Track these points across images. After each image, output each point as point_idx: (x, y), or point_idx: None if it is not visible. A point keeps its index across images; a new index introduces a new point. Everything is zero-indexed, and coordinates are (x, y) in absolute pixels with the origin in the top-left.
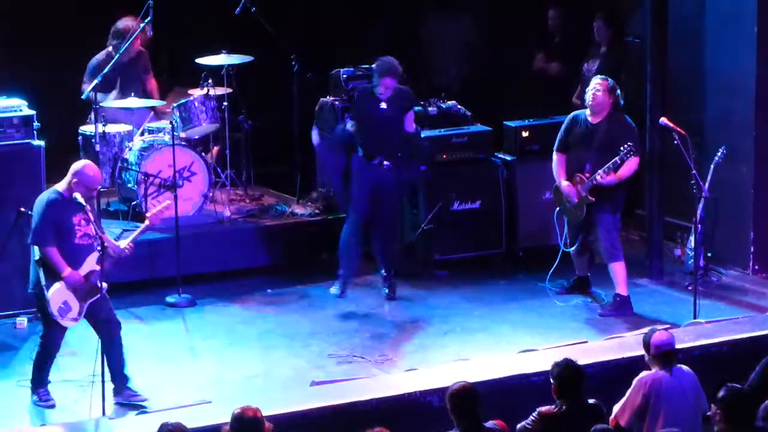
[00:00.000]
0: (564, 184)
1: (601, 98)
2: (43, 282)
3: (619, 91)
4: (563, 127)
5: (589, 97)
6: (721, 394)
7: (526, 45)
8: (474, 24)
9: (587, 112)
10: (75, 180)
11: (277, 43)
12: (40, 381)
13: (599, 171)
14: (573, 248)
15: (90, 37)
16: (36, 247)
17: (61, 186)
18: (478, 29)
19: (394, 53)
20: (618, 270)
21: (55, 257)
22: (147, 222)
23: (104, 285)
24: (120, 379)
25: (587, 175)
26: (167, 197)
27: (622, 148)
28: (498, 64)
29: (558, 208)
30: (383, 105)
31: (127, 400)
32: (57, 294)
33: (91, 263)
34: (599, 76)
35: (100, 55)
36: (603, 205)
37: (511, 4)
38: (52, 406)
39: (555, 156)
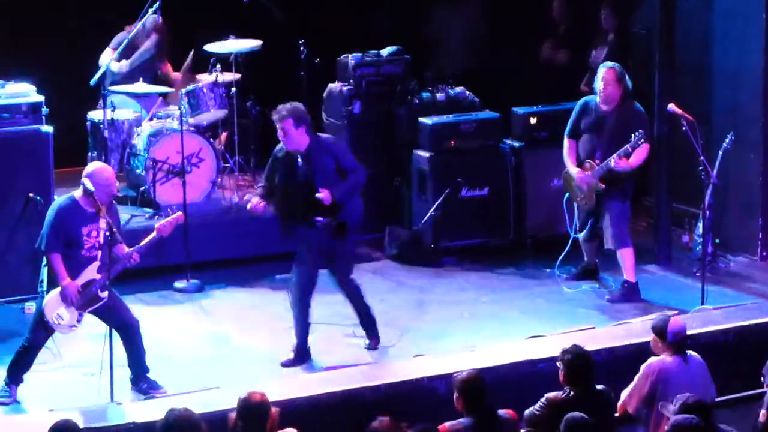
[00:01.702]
0: (574, 170)
1: (612, 88)
2: (44, 287)
3: (628, 78)
4: (574, 112)
5: (599, 86)
6: None
7: (533, 33)
8: (481, 11)
9: (598, 99)
10: (91, 184)
11: (286, 29)
12: (13, 377)
13: (612, 156)
14: (582, 234)
15: (99, 22)
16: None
17: (77, 193)
18: (485, 17)
19: (402, 40)
20: (626, 257)
21: (56, 265)
22: (155, 233)
23: (106, 295)
24: (139, 375)
25: (597, 161)
26: (176, 182)
27: (633, 135)
28: (506, 51)
29: (567, 194)
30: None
31: (146, 393)
32: (52, 302)
33: (90, 273)
34: (608, 63)
35: (121, 35)
36: (613, 192)
37: None
38: (5, 404)
39: (566, 141)
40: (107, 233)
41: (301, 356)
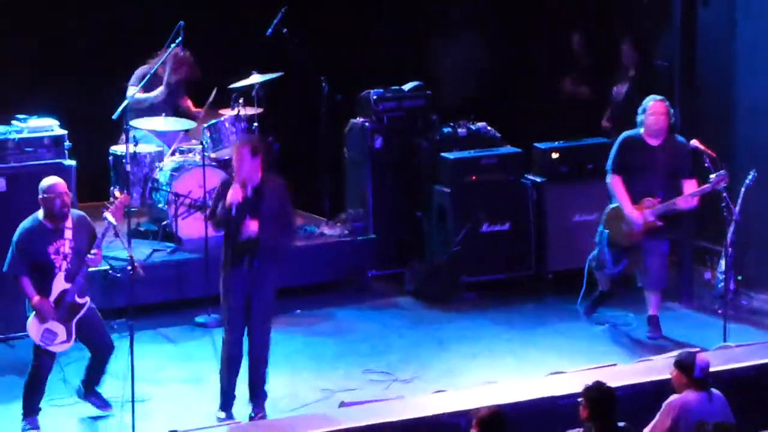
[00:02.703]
0: (631, 208)
1: (663, 121)
2: (28, 311)
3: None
4: (617, 149)
5: (649, 120)
6: None
7: (553, 68)
8: (501, 47)
9: (641, 132)
10: (43, 199)
11: (307, 65)
12: (29, 408)
13: (684, 195)
14: (615, 270)
15: (122, 57)
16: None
17: (40, 213)
18: (504, 52)
19: (423, 75)
20: (660, 296)
21: (24, 286)
22: (107, 222)
23: (86, 300)
24: (91, 389)
25: (658, 200)
26: (198, 216)
27: (711, 177)
28: (527, 86)
29: (604, 230)
30: None
31: (94, 405)
32: (33, 325)
33: (59, 284)
34: (655, 96)
35: (143, 68)
36: (665, 231)
37: (537, 27)
38: None
39: (612, 178)
40: (129, 267)
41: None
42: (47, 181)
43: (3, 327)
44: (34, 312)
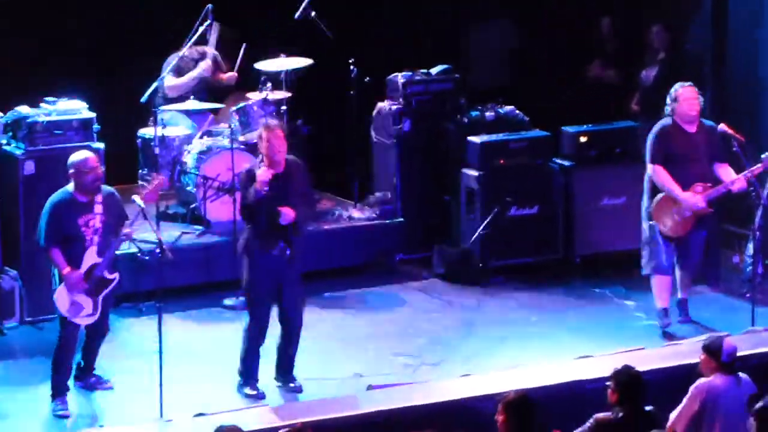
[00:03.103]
0: (685, 195)
1: (698, 106)
2: (55, 285)
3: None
4: (656, 138)
5: (686, 107)
6: (759, 405)
7: (582, 51)
8: (529, 30)
9: (676, 121)
10: (74, 173)
11: (336, 48)
12: (58, 388)
13: (738, 177)
14: (668, 264)
15: (150, 39)
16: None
17: (70, 186)
18: (533, 35)
19: (450, 58)
20: (691, 282)
21: (56, 257)
22: (142, 204)
23: (115, 276)
24: (89, 369)
25: (708, 185)
26: (226, 199)
27: (763, 156)
28: (555, 70)
29: (654, 224)
30: None
31: (92, 388)
32: (61, 295)
33: (90, 257)
34: (683, 84)
35: (175, 54)
36: (711, 218)
37: (567, 11)
38: (66, 417)
39: (655, 168)
40: (157, 250)
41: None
42: (79, 156)
43: (31, 310)
44: (62, 283)
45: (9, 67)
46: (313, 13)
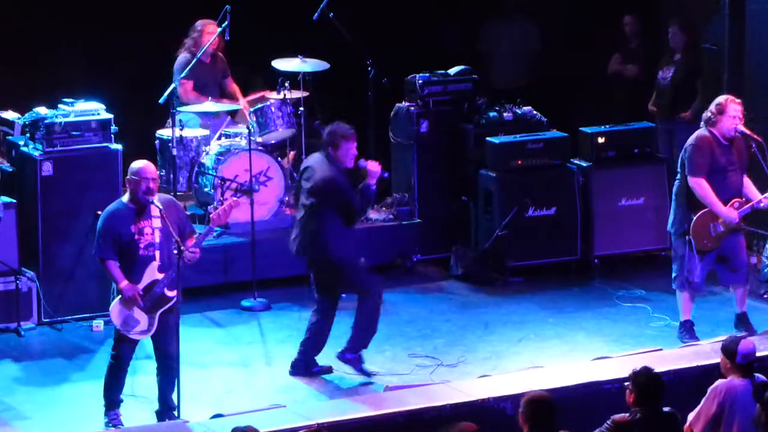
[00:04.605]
0: (725, 209)
1: (739, 123)
2: (112, 297)
3: None
4: (698, 151)
5: (730, 123)
6: None
7: (601, 50)
8: (549, 29)
9: (713, 132)
10: (130, 180)
11: (354, 49)
12: (111, 400)
13: (766, 195)
14: (700, 279)
15: (167, 40)
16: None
17: (125, 197)
18: (552, 34)
19: (469, 59)
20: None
21: (112, 270)
22: (211, 224)
23: (175, 293)
24: (165, 409)
25: (744, 200)
26: (244, 200)
27: None
28: (573, 70)
29: (690, 239)
30: None
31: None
32: (116, 310)
33: (151, 273)
34: (734, 99)
35: (184, 56)
36: (742, 231)
37: (586, 10)
38: (119, 425)
39: (698, 182)
40: (175, 251)
41: None
42: (136, 164)
43: (51, 311)
44: (119, 297)
45: (27, 68)
46: (331, 14)
